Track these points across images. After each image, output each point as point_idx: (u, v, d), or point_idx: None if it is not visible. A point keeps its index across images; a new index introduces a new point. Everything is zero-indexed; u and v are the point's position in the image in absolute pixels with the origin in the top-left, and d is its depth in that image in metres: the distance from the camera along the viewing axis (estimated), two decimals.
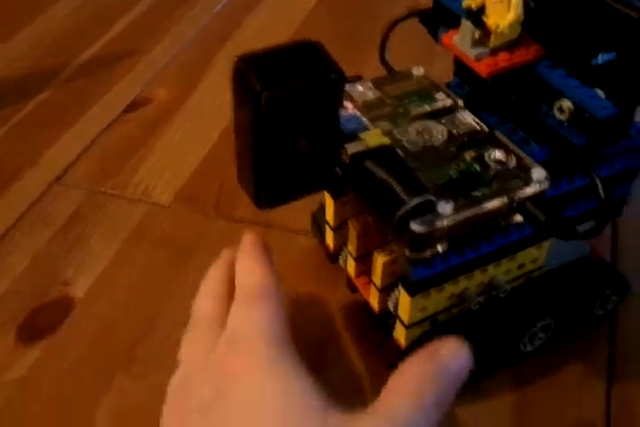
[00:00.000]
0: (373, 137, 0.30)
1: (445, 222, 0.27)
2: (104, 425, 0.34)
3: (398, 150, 0.29)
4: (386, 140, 0.30)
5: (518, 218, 0.29)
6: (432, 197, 0.26)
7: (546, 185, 0.28)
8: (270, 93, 0.26)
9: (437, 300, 0.31)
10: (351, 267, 0.36)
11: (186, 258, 0.43)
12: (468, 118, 0.32)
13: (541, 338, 0.35)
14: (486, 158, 0.29)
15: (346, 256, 0.37)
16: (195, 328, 0.30)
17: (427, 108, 0.32)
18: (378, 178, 0.28)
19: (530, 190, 0.28)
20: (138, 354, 0.37)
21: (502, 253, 0.31)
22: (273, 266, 0.30)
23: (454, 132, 0.31)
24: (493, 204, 0.27)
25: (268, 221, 0.44)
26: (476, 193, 0.28)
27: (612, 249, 0.42)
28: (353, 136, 0.30)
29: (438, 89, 0.33)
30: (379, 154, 0.29)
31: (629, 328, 0.38)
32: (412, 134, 0.31)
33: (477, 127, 0.31)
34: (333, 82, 0.27)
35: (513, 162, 0.29)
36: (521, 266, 0.33)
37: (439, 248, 0.28)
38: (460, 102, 0.32)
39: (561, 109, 0.28)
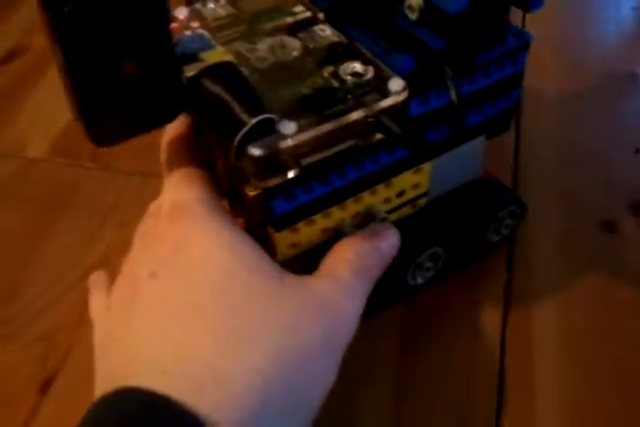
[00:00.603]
0: (216, 56, 0.26)
1: (289, 143, 0.23)
2: None
3: (244, 68, 0.26)
4: (229, 58, 0.26)
5: (380, 137, 0.26)
6: (271, 116, 0.23)
7: (404, 96, 0.25)
8: (74, 6, 0.22)
9: (309, 234, 0.29)
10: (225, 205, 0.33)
11: (59, 214, 0.39)
12: (327, 31, 0.28)
13: (431, 269, 0.32)
14: (341, 72, 0.26)
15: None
16: (148, 212, 0.30)
17: (285, 21, 0.29)
18: (214, 98, 0.24)
19: (386, 102, 0.25)
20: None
21: (374, 179, 0.28)
22: (197, 155, 0.29)
23: (311, 46, 0.28)
24: (345, 119, 0.24)
25: (145, 171, 0.40)
26: (331, 110, 0.25)
27: (513, 171, 0.39)
28: (194, 57, 0.26)
29: (297, 3, 0.30)
30: (215, 71, 0.25)
31: (528, 254, 0.35)
32: (262, 51, 0.27)
33: (337, 40, 0.28)
34: None
35: (371, 74, 0.26)
36: (401, 193, 0.30)
37: (290, 174, 0.25)
38: (320, 15, 0.29)
39: (411, 8, 0.24)
